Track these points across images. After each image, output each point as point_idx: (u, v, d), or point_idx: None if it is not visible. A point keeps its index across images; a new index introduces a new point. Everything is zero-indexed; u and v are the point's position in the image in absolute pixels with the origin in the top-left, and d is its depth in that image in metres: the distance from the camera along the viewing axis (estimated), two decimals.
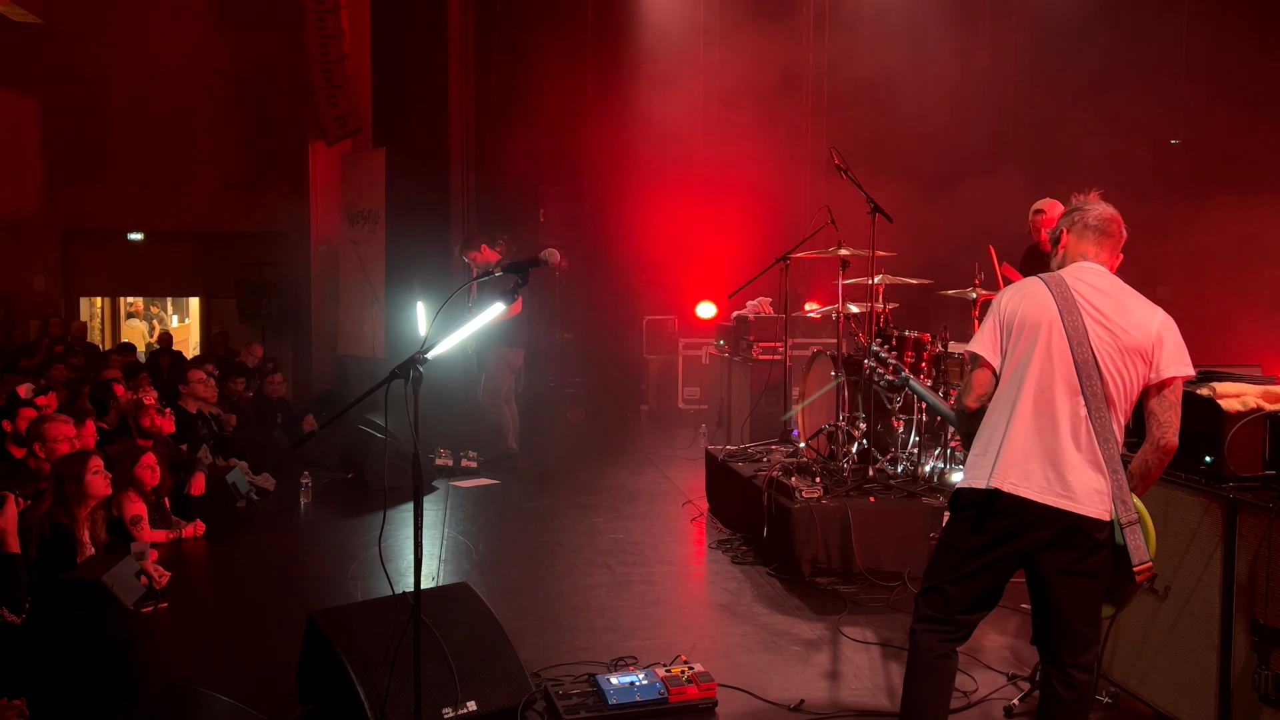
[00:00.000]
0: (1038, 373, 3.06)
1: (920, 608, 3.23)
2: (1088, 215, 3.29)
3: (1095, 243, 3.27)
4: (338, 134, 12.10)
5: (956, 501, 3.17)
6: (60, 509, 5.12)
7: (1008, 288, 3.26)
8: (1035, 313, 3.10)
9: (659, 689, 3.92)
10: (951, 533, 3.18)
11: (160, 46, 13.25)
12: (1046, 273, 3.22)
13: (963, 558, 3.12)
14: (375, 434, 7.95)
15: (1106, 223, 3.27)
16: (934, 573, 3.21)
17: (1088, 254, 3.24)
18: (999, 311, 3.16)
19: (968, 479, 3.14)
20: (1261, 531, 3.28)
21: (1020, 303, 3.13)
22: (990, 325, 3.17)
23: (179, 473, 6.69)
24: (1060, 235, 3.32)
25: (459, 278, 11.70)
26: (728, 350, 9.28)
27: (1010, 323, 3.13)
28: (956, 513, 3.17)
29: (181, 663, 4.56)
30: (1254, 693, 3.29)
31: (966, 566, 3.11)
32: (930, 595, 3.20)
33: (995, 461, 3.06)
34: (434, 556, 6.12)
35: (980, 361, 3.16)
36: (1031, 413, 3.06)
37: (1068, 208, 3.38)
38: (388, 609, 3.92)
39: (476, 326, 3.50)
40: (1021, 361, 3.09)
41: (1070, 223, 3.31)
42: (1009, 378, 3.12)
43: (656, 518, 7.12)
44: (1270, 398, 3.52)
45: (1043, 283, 3.16)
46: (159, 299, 17.94)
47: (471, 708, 3.74)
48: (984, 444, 3.13)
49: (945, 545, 3.20)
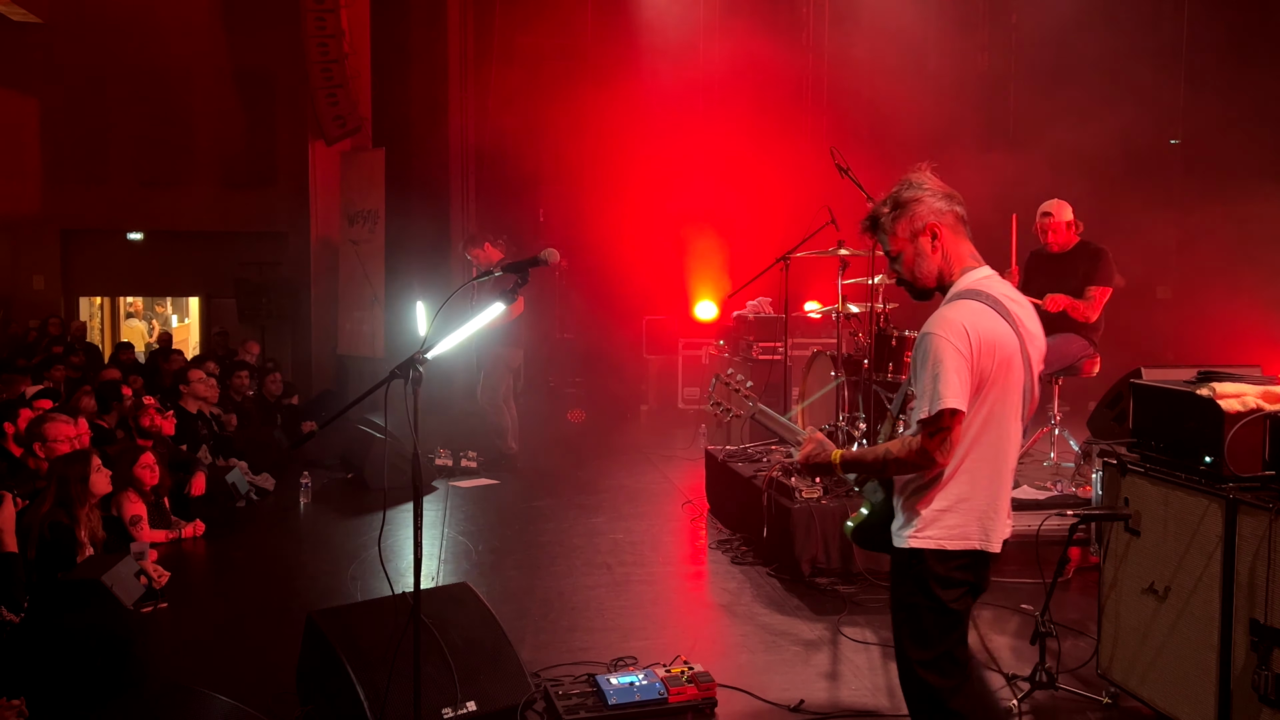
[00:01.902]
0: (1007, 414, 2.84)
1: (945, 686, 2.86)
2: (957, 205, 2.92)
3: (968, 237, 2.93)
4: (337, 134, 12.10)
5: (929, 562, 2.82)
6: (60, 509, 5.12)
7: (961, 318, 2.76)
8: (1005, 349, 2.79)
9: (659, 689, 3.92)
10: (945, 594, 2.84)
11: (160, 46, 13.25)
12: (977, 291, 2.85)
13: (960, 615, 2.88)
14: (375, 434, 7.95)
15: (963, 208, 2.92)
16: (936, 641, 2.87)
17: (972, 254, 2.93)
18: (969, 354, 2.73)
19: (947, 539, 2.82)
20: (1261, 532, 3.28)
21: (989, 339, 2.77)
22: (960, 369, 2.72)
23: (179, 473, 6.69)
24: (929, 230, 2.89)
25: (459, 277, 11.70)
26: (728, 350, 9.28)
27: (980, 365, 2.75)
28: (949, 573, 2.83)
29: (181, 662, 4.55)
30: (1254, 693, 3.29)
31: (953, 619, 2.87)
32: (944, 664, 2.87)
33: (991, 521, 2.84)
34: (434, 556, 6.12)
35: (957, 414, 2.72)
36: (1009, 462, 2.89)
37: (921, 191, 2.92)
38: (387, 609, 3.92)
39: (477, 326, 3.50)
40: (997, 405, 2.81)
41: (941, 216, 2.89)
42: (987, 424, 2.81)
43: (656, 518, 7.12)
44: (1270, 398, 3.51)
45: (993, 310, 2.81)
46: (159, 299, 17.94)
47: (471, 708, 3.74)
48: (961, 499, 2.82)
49: (938, 609, 2.84)
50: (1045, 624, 3.96)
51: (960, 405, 2.71)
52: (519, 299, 7.27)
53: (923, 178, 2.97)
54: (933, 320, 2.81)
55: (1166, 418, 3.78)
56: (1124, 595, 3.91)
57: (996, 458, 2.85)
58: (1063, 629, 4.48)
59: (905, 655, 2.91)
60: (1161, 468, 3.76)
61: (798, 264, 7.14)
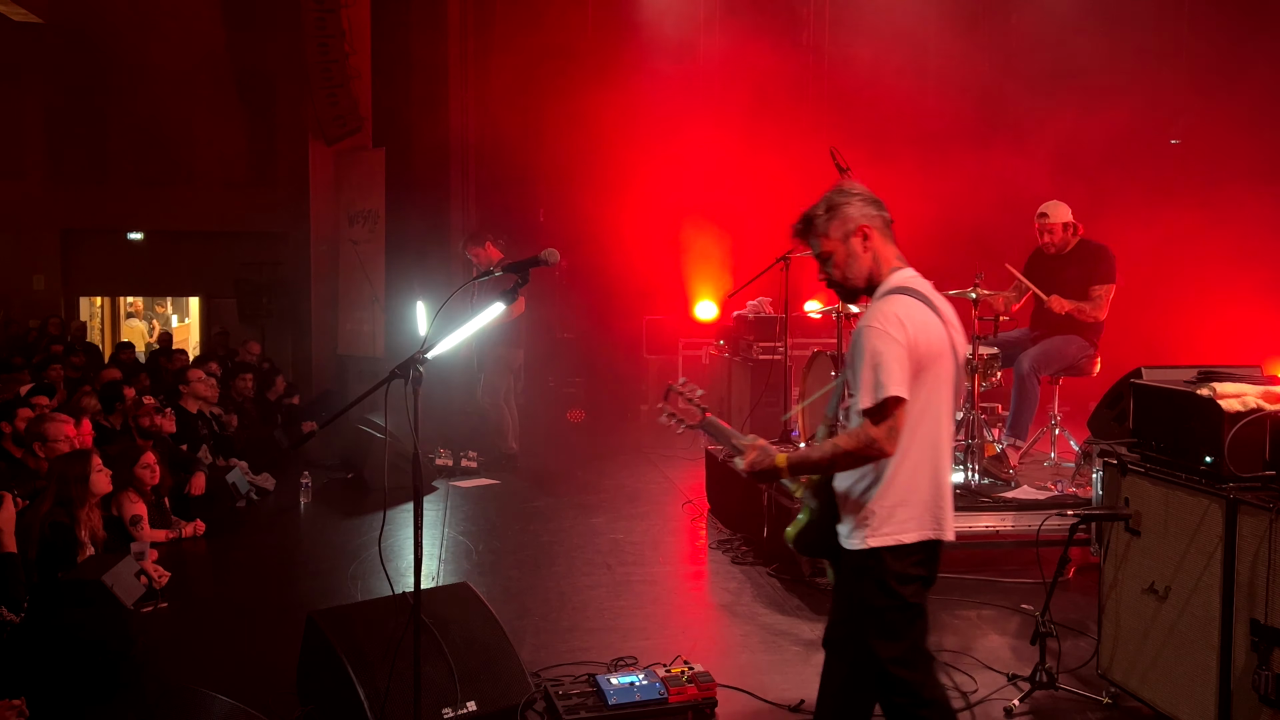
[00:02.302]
0: (943, 404, 2.94)
1: (914, 678, 2.93)
2: (885, 211, 3.03)
3: (894, 241, 3.04)
4: (337, 134, 12.10)
5: (887, 559, 2.88)
6: (60, 509, 5.12)
7: (896, 311, 2.85)
8: (937, 340, 2.90)
9: (659, 689, 3.92)
10: (905, 590, 2.90)
11: (160, 46, 13.25)
12: (908, 288, 2.94)
13: (921, 608, 2.96)
14: (375, 434, 7.95)
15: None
16: (903, 636, 2.93)
17: (898, 255, 3.03)
18: (906, 343, 2.81)
19: (903, 532, 2.88)
20: (1262, 532, 3.28)
21: (922, 330, 2.86)
22: (900, 359, 2.79)
23: (179, 472, 6.69)
24: (861, 231, 2.98)
25: (459, 277, 11.69)
26: (728, 350, 9.28)
27: (917, 354, 2.83)
28: (906, 569, 2.90)
29: (181, 663, 4.55)
30: (1254, 693, 3.29)
31: (913, 614, 2.95)
32: (913, 657, 2.96)
33: (941, 510, 2.93)
34: (434, 556, 6.12)
35: (901, 402, 2.79)
36: (947, 450, 2.97)
37: (851, 196, 3.03)
38: (388, 609, 3.92)
39: (477, 326, 3.50)
40: (932, 394, 2.89)
41: (871, 218, 3.00)
42: (924, 413, 2.87)
43: (656, 518, 7.12)
44: (1270, 398, 3.51)
45: (922, 304, 2.91)
46: (159, 299, 17.95)
47: (471, 708, 3.74)
48: (909, 490, 2.89)
49: (900, 605, 2.90)
50: (1045, 624, 3.96)
51: (904, 393, 2.79)
52: (520, 299, 7.27)
53: (853, 184, 3.09)
54: (868, 315, 2.91)
55: (1167, 418, 3.79)
56: (1124, 595, 3.91)
57: (936, 446, 2.94)
58: (1063, 629, 4.48)
59: (874, 656, 2.92)
60: (1162, 468, 3.76)
61: (798, 264, 7.14)
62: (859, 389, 2.84)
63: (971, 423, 6.00)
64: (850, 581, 2.99)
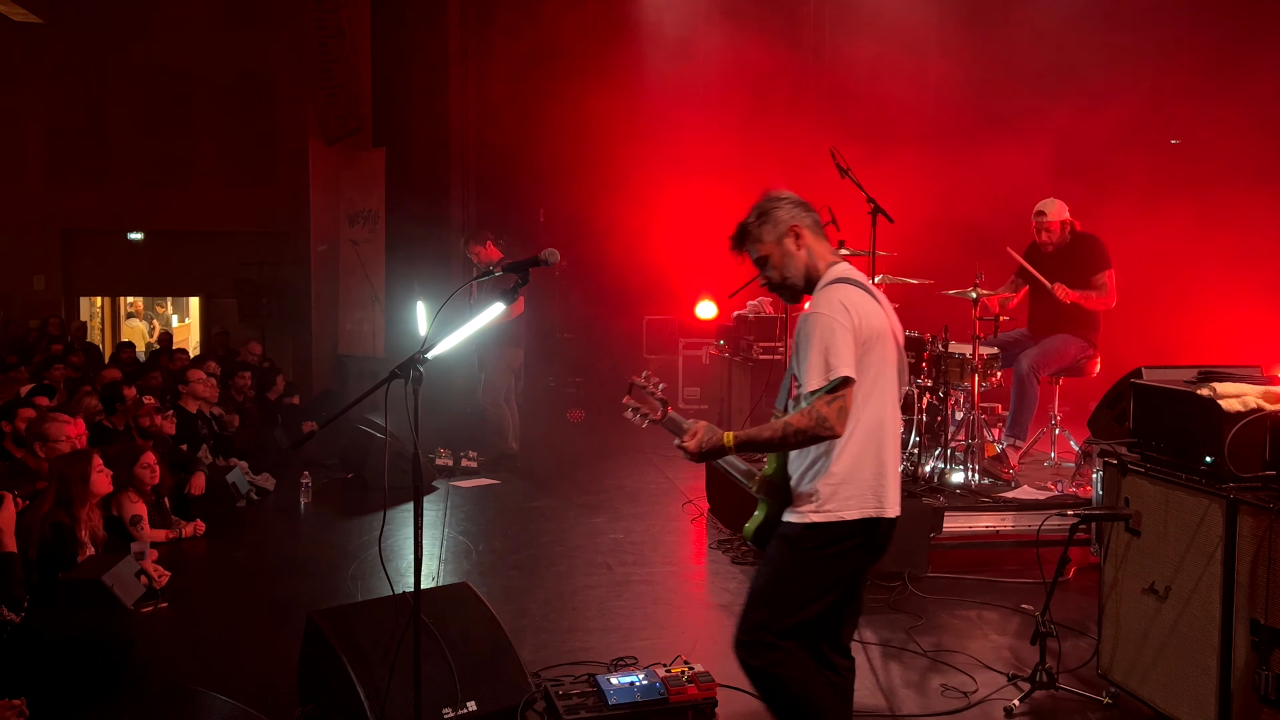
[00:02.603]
0: (888, 386, 3.04)
1: (777, 648, 3.02)
2: (813, 212, 3.20)
3: (825, 239, 3.22)
4: (338, 134, 12.10)
5: (826, 535, 2.97)
6: (61, 509, 5.12)
7: (840, 298, 2.98)
8: (880, 324, 3.01)
9: (659, 689, 3.92)
10: (813, 569, 3.00)
11: (161, 46, 13.27)
12: (848, 278, 3.07)
13: (830, 589, 3.03)
14: (375, 434, 7.95)
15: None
16: (799, 611, 3.02)
17: (833, 250, 3.19)
18: (852, 327, 2.92)
19: (845, 509, 2.97)
20: (1262, 532, 3.28)
21: (866, 314, 2.98)
22: (848, 341, 2.90)
23: (179, 472, 6.69)
24: (792, 231, 3.12)
25: (459, 277, 11.70)
26: (728, 350, 9.28)
27: (862, 336, 2.94)
28: (827, 547, 2.99)
29: (181, 663, 4.55)
30: (1254, 693, 3.29)
31: (830, 596, 3.04)
32: (796, 634, 3.04)
33: (884, 489, 3.00)
34: (434, 556, 6.12)
35: (850, 382, 2.88)
36: (892, 430, 3.07)
37: (780, 200, 3.17)
38: (388, 609, 3.92)
39: (477, 326, 3.50)
40: (877, 377, 3.00)
41: (800, 219, 3.15)
42: (869, 395, 2.97)
43: (657, 518, 7.12)
44: (1271, 398, 3.51)
45: (862, 289, 3.04)
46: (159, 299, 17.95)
47: (471, 708, 3.74)
48: (854, 469, 2.97)
49: (799, 582, 3.01)
50: (1046, 624, 3.96)
51: (852, 373, 2.89)
52: (519, 298, 7.27)
53: (780, 191, 3.23)
54: (814, 303, 3.04)
55: (1167, 418, 3.79)
56: (1124, 595, 3.91)
57: (880, 427, 3.03)
58: (1063, 629, 4.48)
59: (759, 619, 3.03)
60: (1162, 468, 3.76)
61: None
62: (807, 372, 2.92)
63: (971, 423, 6.01)
64: (778, 549, 3.07)
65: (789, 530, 3.04)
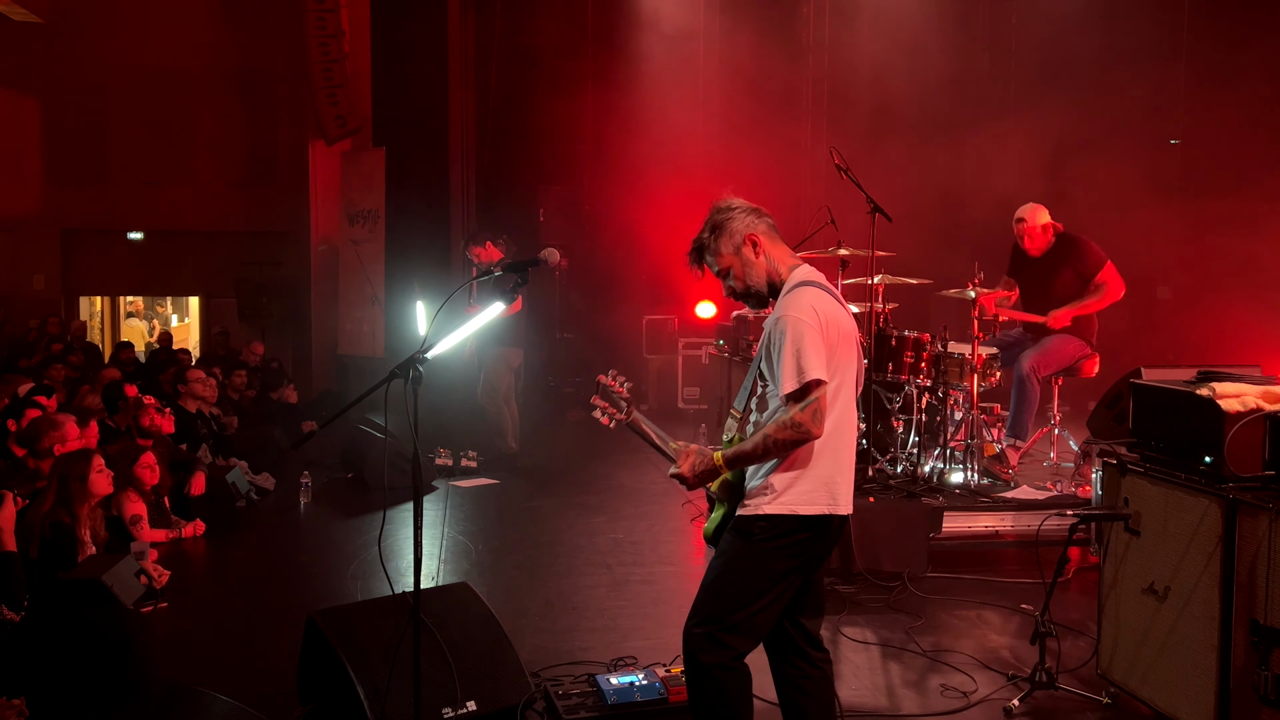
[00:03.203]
0: (849, 388, 3.09)
1: (727, 655, 3.05)
2: (767, 217, 3.19)
3: (783, 242, 3.22)
4: (338, 133, 12.10)
5: (778, 527, 3.01)
6: (61, 508, 5.12)
7: (809, 301, 3.02)
8: (845, 327, 3.07)
9: (659, 689, 3.93)
10: (763, 561, 3.04)
11: (160, 46, 13.26)
12: (812, 280, 3.10)
13: (779, 580, 3.05)
14: (375, 434, 7.95)
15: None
16: (748, 605, 3.03)
17: (792, 254, 3.21)
18: (821, 329, 2.97)
19: (799, 504, 3.01)
20: (1261, 532, 3.28)
21: (832, 317, 3.02)
22: (817, 344, 2.94)
23: (179, 472, 6.69)
24: (749, 240, 3.14)
25: (459, 277, 11.70)
26: (727, 350, 9.27)
27: (830, 339, 2.99)
28: (778, 539, 3.02)
29: (181, 663, 4.55)
30: (1254, 693, 3.29)
31: (781, 589, 3.06)
32: (744, 628, 3.06)
33: (837, 486, 3.05)
34: (434, 556, 6.12)
35: (822, 384, 2.93)
36: (849, 431, 3.12)
37: (732, 210, 3.19)
38: (388, 609, 3.92)
39: (477, 326, 3.50)
40: (842, 378, 3.05)
41: (755, 226, 3.16)
42: (835, 395, 3.02)
43: (656, 518, 7.12)
44: (1270, 398, 3.52)
45: (825, 292, 3.08)
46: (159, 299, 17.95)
47: (471, 708, 3.74)
48: (811, 465, 3.01)
49: (750, 573, 3.04)
50: (1045, 624, 3.96)
51: (825, 376, 2.94)
52: (518, 298, 7.27)
53: (730, 199, 3.23)
54: (782, 306, 3.06)
55: (1166, 418, 3.79)
56: (1124, 595, 3.91)
57: (839, 426, 3.06)
58: (1063, 629, 4.48)
59: (709, 612, 3.07)
60: (1161, 468, 3.76)
61: None
62: (780, 376, 2.95)
63: (971, 423, 6.01)
64: (730, 541, 3.11)
65: (741, 523, 3.09)
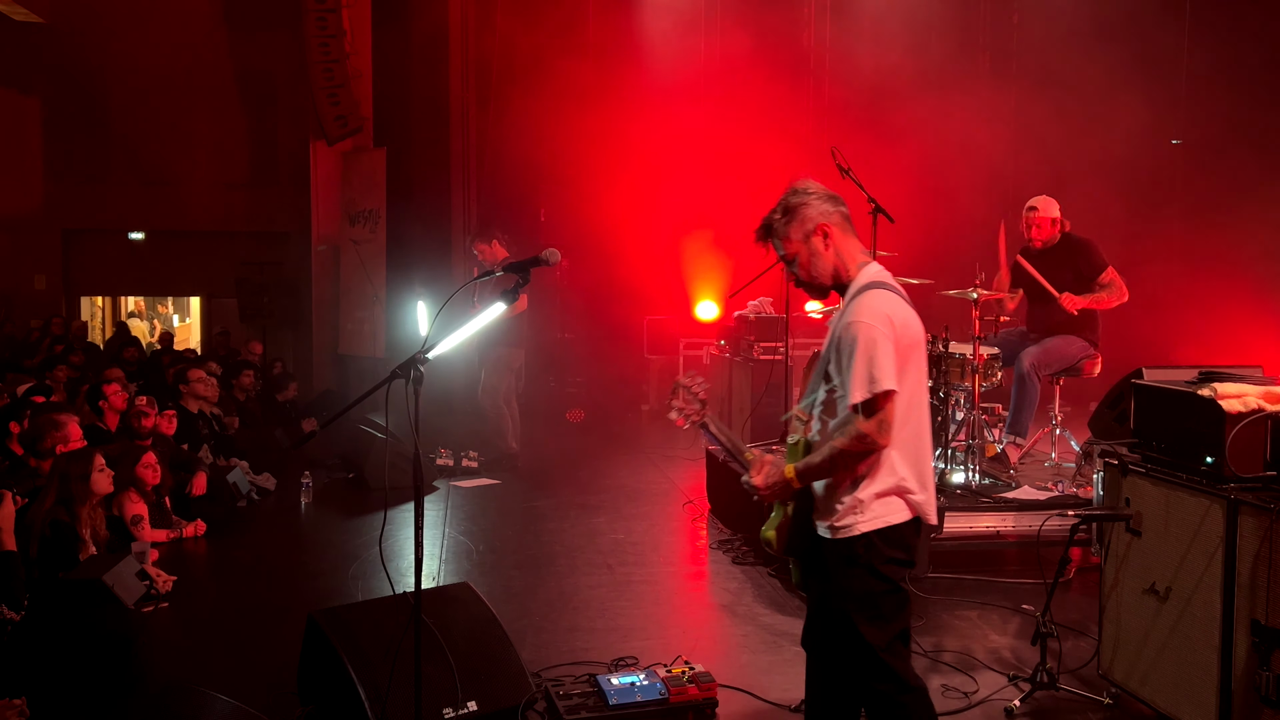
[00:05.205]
0: (923, 394, 3.04)
1: (900, 666, 2.97)
2: (842, 206, 3.06)
3: (855, 235, 3.10)
4: (338, 133, 12.10)
5: (877, 544, 2.93)
6: (62, 507, 5.12)
7: (882, 307, 2.93)
8: (916, 333, 2.99)
9: (659, 689, 3.92)
10: (896, 574, 2.97)
11: (161, 46, 13.26)
12: (883, 282, 3.01)
13: (907, 593, 3.02)
14: (376, 434, 7.95)
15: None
16: (893, 622, 2.97)
17: (862, 249, 3.09)
18: (895, 337, 2.89)
19: (892, 515, 2.94)
20: (1263, 532, 3.28)
21: (905, 323, 2.94)
22: (889, 353, 2.85)
23: (180, 472, 6.69)
24: (820, 230, 3.01)
25: (460, 277, 11.70)
26: (729, 350, 9.27)
27: (902, 347, 2.91)
28: (894, 553, 2.96)
29: (182, 662, 4.55)
30: (1255, 694, 3.29)
31: (900, 597, 3.00)
32: (899, 645, 2.99)
33: (921, 494, 2.99)
34: (434, 556, 6.12)
35: (893, 395, 2.86)
36: (928, 439, 3.08)
37: (808, 195, 3.04)
38: (388, 609, 3.92)
39: (478, 326, 3.50)
40: (916, 386, 2.98)
41: (829, 216, 3.03)
42: (910, 403, 2.95)
43: (657, 518, 7.12)
44: (1271, 398, 3.51)
45: (896, 295, 2.99)
46: (160, 299, 17.96)
47: (472, 708, 3.74)
48: (897, 478, 2.94)
49: (892, 589, 2.97)
50: (1046, 624, 3.96)
51: (895, 386, 2.85)
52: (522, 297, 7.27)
53: (808, 183, 3.09)
54: (854, 310, 2.94)
55: (1168, 418, 3.78)
56: (1125, 596, 3.91)
57: (919, 435, 3.01)
58: (1064, 629, 4.48)
59: (864, 644, 2.94)
60: (1163, 468, 3.76)
61: None
62: (850, 384, 2.87)
63: (972, 423, 6.00)
64: (837, 572, 2.99)
65: (841, 548, 2.96)
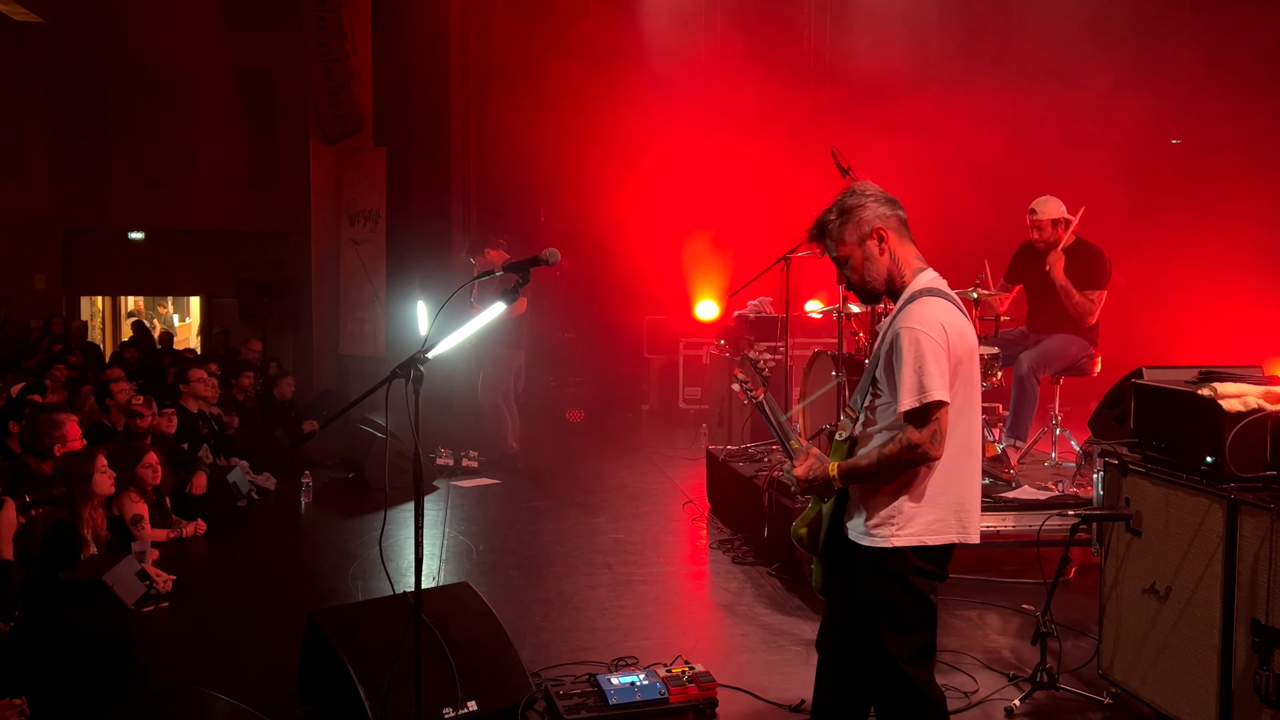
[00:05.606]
0: (975, 405, 2.96)
1: (920, 678, 2.94)
2: (900, 210, 2.99)
3: (911, 239, 3.01)
4: (338, 133, 12.11)
5: (909, 559, 2.88)
6: (64, 507, 5.12)
7: (935, 315, 2.85)
8: (970, 344, 2.91)
9: (659, 689, 3.92)
10: (925, 587, 2.92)
11: (161, 46, 13.27)
12: (939, 290, 2.93)
13: (935, 605, 2.97)
14: (376, 434, 7.95)
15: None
16: (918, 633, 2.94)
17: (918, 255, 3.00)
18: (947, 346, 2.82)
19: (928, 534, 2.88)
20: (1263, 532, 3.28)
21: (959, 332, 2.86)
22: (941, 362, 2.79)
23: (180, 472, 6.69)
24: (876, 233, 2.95)
25: (460, 277, 11.69)
26: (729, 350, 9.27)
27: (955, 356, 2.84)
28: (927, 566, 2.91)
29: (181, 662, 4.56)
30: (1255, 693, 3.29)
31: (929, 609, 2.96)
32: (921, 656, 2.95)
33: (967, 513, 2.93)
34: (434, 556, 6.12)
35: (944, 405, 2.79)
36: (976, 452, 3.00)
37: (865, 198, 2.98)
38: (388, 609, 3.92)
39: (478, 326, 3.50)
40: (967, 398, 2.91)
41: (886, 220, 2.96)
42: (960, 415, 2.88)
43: (657, 518, 7.12)
44: (1271, 398, 3.51)
45: (950, 303, 2.91)
46: (160, 298, 17.96)
47: (472, 708, 3.74)
48: (940, 492, 2.89)
49: (920, 602, 2.92)
50: (1046, 624, 3.96)
51: (946, 397, 2.79)
52: (522, 298, 7.27)
53: (866, 185, 3.03)
54: (906, 316, 2.87)
55: (1168, 418, 3.78)
56: (1125, 596, 3.91)
57: (968, 449, 2.94)
58: (1064, 629, 4.48)
59: (886, 653, 2.91)
60: (1163, 468, 3.76)
61: (798, 264, 7.13)
62: (900, 392, 2.81)
63: None
64: (866, 578, 2.95)
65: (872, 556, 2.91)
